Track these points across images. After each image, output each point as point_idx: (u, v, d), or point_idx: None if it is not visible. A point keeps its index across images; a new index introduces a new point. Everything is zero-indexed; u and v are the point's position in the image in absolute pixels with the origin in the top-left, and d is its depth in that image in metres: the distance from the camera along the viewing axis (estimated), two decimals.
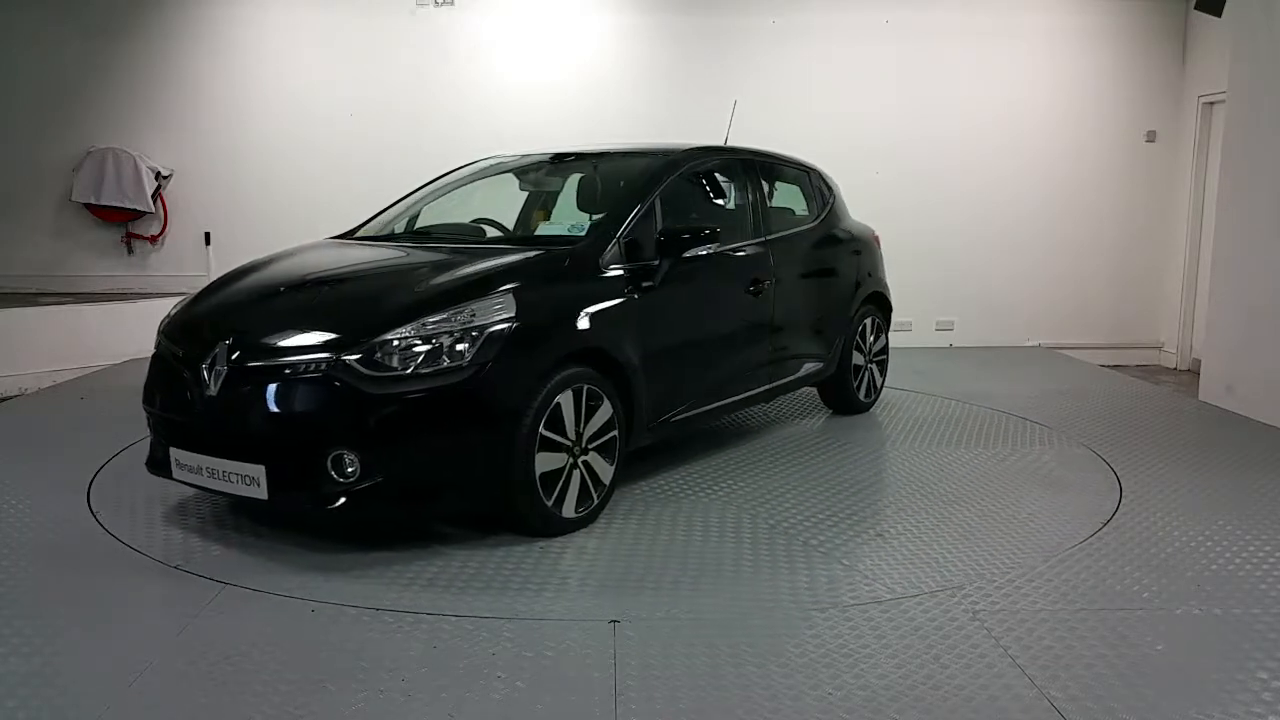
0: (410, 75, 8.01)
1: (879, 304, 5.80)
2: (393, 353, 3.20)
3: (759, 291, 4.63)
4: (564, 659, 2.62)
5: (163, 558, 3.33)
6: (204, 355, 3.36)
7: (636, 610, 2.93)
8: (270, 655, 2.63)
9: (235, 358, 3.30)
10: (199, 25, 8.01)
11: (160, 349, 3.69)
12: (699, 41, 8.03)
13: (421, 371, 3.19)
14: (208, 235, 8.19)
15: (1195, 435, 5.33)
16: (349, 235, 4.70)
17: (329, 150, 8.05)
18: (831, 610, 2.94)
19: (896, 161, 8.09)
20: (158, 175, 8.07)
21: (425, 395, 3.18)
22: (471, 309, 3.33)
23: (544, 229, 4.54)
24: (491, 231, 4.73)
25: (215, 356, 3.33)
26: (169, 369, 3.55)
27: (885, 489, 4.33)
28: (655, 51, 8.05)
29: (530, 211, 5.06)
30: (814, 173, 5.59)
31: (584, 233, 4.04)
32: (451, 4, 7.94)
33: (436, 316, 3.28)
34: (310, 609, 2.93)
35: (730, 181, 4.86)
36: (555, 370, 3.46)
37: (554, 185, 5.08)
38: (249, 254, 4.44)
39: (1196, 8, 6.83)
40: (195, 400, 3.35)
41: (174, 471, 3.45)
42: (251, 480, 3.21)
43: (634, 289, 3.88)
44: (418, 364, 3.20)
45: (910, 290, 7.18)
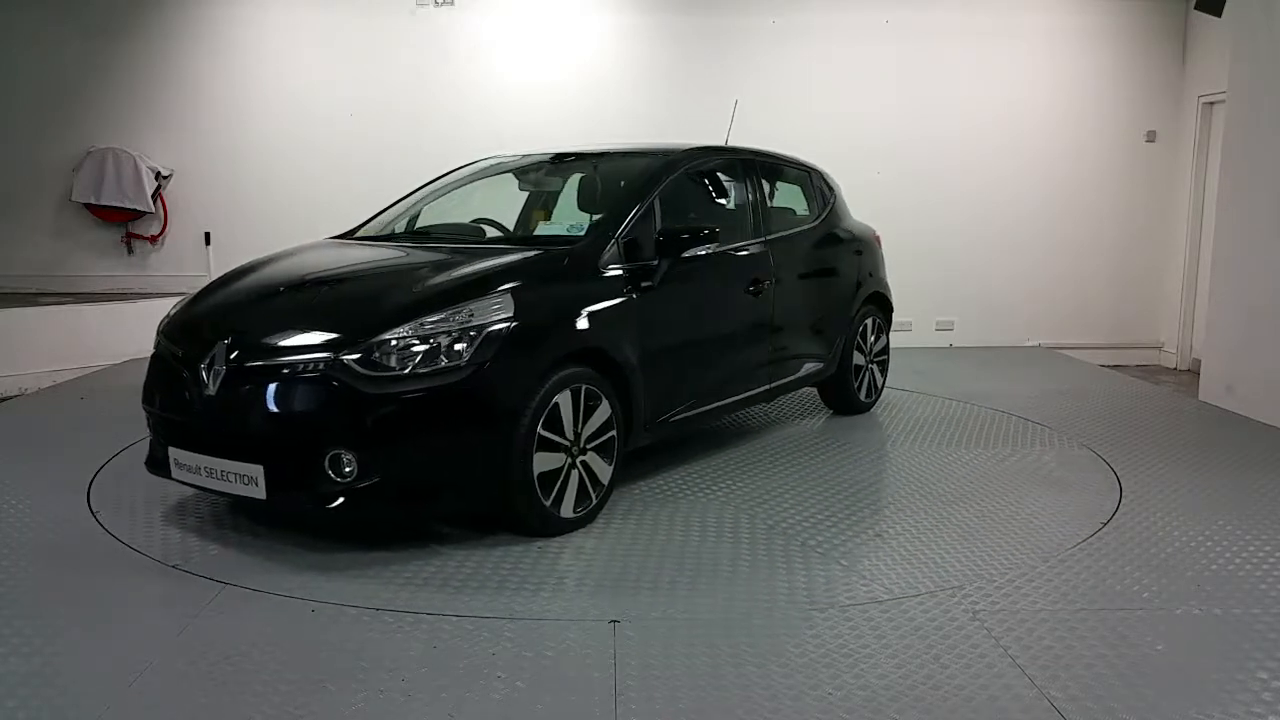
0: (410, 75, 8.01)
1: (880, 304, 5.80)
2: (391, 353, 3.20)
3: (759, 291, 4.62)
4: (564, 659, 2.62)
5: (162, 557, 3.33)
6: (203, 355, 3.36)
7: (636, 610, 2.93)
8: (270, 655, 2.63)
9: (234, 357, 3.30)
10: (199, 25, 8.01)
11: (159, 349, 3.69)
12: (699, 41, 8.03)
13: (419, 371, 3.19)
14: (208, 235, 8.20)
15: (1195, 435, 5.33)
16: (349, 235, 4.70)
17: (329, 150, 8.05)
18: (831, 610, 2.94)
19: (896, 161, 8.09)
20: (158, 175, 8.07)
21: (423, 395, 3.18)
22: (470, 309, 3.33)
23: (543, 229, 4.54)
24: (491, 231, 4.73)
25: (214, 356, 3.33)
26: (168, 369, 3.56)
27: (885, 489, 4.33)
28: (655, 51, 8.05)
29: (530, 211, 5.06)
30: (815, 172, 5.59)
31: (583, 233, 4.04)
32: (451, 4, 7.94)
33: (434, 316, 3.28)
34: (310, 609, 2.93)
35: (730, 181, 4.86)
36: (553, 370, 3.46)
37: (554, 185, 5.08)
38: (249, 254, 4.44)
39: (1196, 8, 6.83)
40: (194, 400, 3.35)
41: (173, 471, 3.45)
42: (250, 480, 3.21)
43: (633, 289, 3.88)
44: (416, 364, 3.20)
45: (910, 290, 7.18)
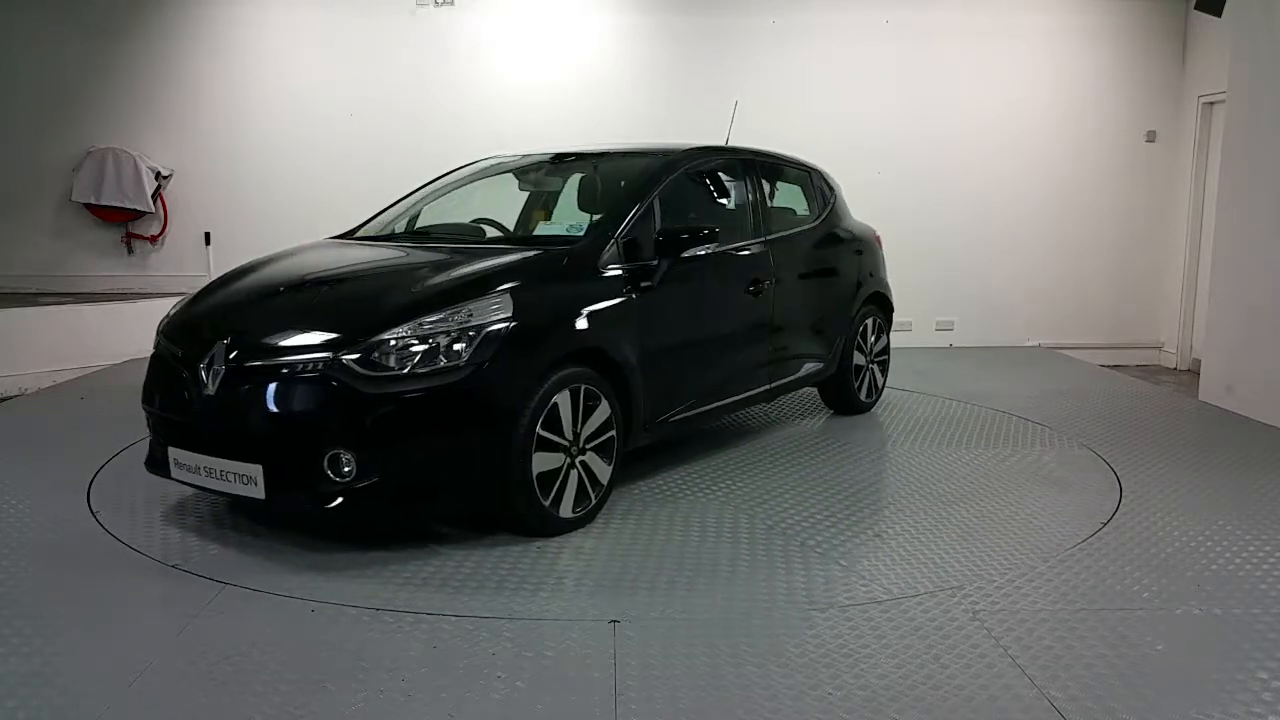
0: (410, 75, 8.01)
1: (880, 304, 5.80)
2: (390, 352, 3.20)
3: (759, 291, 4.62)
4: (564, 659, 2.62)
5: (162, 557, 3.33)
6: (202, 355, 3.36)
7: (635, 610, 2.93)
8: (270, 655, 2.63)
9: (233, 357, 3.30)
10: (199, 25, 8.01)
11: (159, 349, 3.69)
12: (699, 41, 8.03)
13: (418, 371, 3.19)
14: (208, 235, 8.19)
15: (1195, 435, 5.33)
16: (349, 235, 4.70)
17: (329, 150, 8.05)
18: (831, 610, 2.94)
19: (896, 161, 8.09)
20: (158, 175, 8.06)
21: (422, 395, 3.18)
22: (468, 309, 3.33)
23: (542, 229, 4.54)
24: (491, 231, 4.73)
25: (213, 356, 3.33)
26: (168, 369, 3.55)
27: (886, 489, 4.33)
28: (655, 51, 8.05)
29: (530, 212, 5.06)
30: (815, 173, 5.58)
31: (582, 233, 4.04)
32: (451, 4, 7.93)
33: (433, 316, 3.28)
34: (310, 609, 2.93)
35: (730, 181, 4.85)
36: (553, 370, 3.46)
37: (554, 185, 5.08)
38: (249, 254, 4.44)
39: (1196, 8, 6.83)
40: (193, 400, 3.35)
41: (172, 471, 3.45)
42: (249, 480, 3.21)
43: (632, 289, 3.88)
44: (414, 364, 3.20)
45: (910, 290, 7.17)
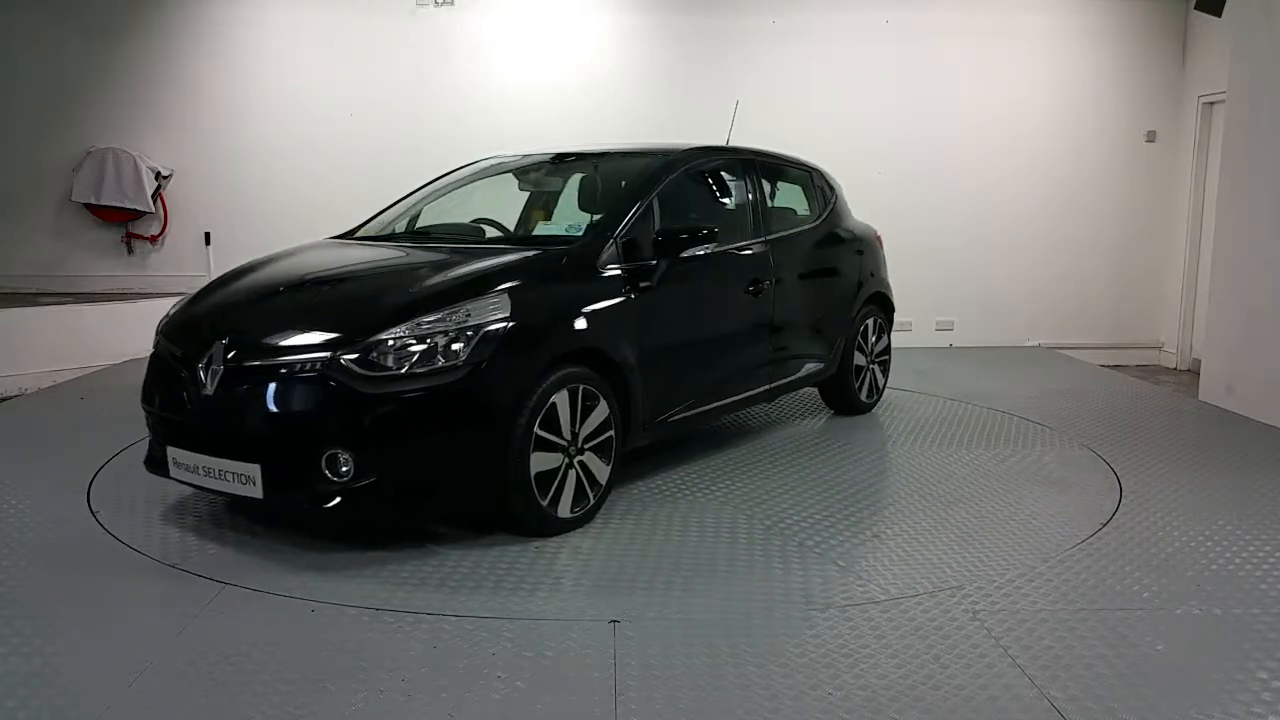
0: (410, 75, 8.01)
1: (881, 304, 5.79)
2: (388, 352, 3.20)
3: (759, 291, 4.62)
4: (564, 659, 2.62)
5: (162, 557, 3.33)
6: (201, 355, 3.36)
7: (635, 610, 2.93)
8: (270, 655, 2.63)
9: (231, 357, 3.30)
10: (199, 25, 8.01)
11: (159, 349, 3.69)
12: (699, 41, 8.03)
13: (416, 371, 3.19)
14: (208, 235, 8.19)
15: (1195, 435, 5.32)
16: (349, 235, 4.70)
17: (329, 150, 8.05)
18: (831, 610, 2.94)
19: (896, 161, 8.08)
20: (158, 175, 8.07)
21: (420, 395, 3.18)
22: (467, 309, 3.33)
23: (542, 229, 4.54)
24: (491, 232, 4.73)
25: (212, 356, 3.33)
26: (167, 369, 3.56)
27: (886, 489, 4.33)
28: (655, 51, 8.04)
29: (530, 212, 5.06)
30: (815, 172, 5.58)
31: (581, 233, 4.04)
32: (451, 4, 7.93)
33: (432, 316, 3.28)
34: (310, 609, 2.92)
35: (730, 181, 4.85)
36: (551, 370, 3.46)
37: (554, 185, 5.07)
38: (249, 254, 4.44)
39: (1196, 8, 6.83)
40: (192, 400, 3.35)
41: (171, 471, 3.45)
42: (247, 479, 3.20)
43: (631, 289, 3.88)
44: (413, 363, 3.20)
45: (910, 290, 7.16)
